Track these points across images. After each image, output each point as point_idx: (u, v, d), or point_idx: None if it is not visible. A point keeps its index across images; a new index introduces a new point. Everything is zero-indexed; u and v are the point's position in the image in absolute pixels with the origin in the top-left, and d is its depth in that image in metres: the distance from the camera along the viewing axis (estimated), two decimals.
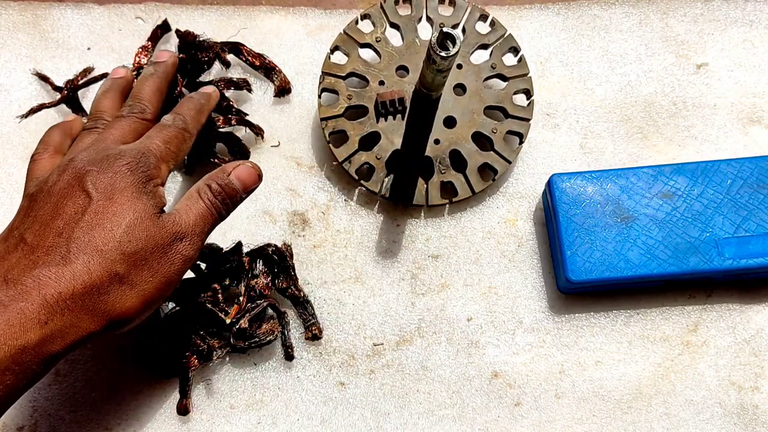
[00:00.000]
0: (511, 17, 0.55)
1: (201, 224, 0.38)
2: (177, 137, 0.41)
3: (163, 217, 0.37)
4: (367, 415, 0.47)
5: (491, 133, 0.50)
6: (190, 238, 0.37)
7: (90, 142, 0.40)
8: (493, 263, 0.50)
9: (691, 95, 0.54)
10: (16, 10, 0.54)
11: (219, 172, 0.41)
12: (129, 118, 0.42)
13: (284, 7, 0.55)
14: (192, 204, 0.39)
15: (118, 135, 0.40)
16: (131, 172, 0.37)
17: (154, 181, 0.38)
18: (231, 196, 0.40)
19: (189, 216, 0.38)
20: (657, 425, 0.47)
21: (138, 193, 0.36)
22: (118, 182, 0.36)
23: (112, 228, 0.35)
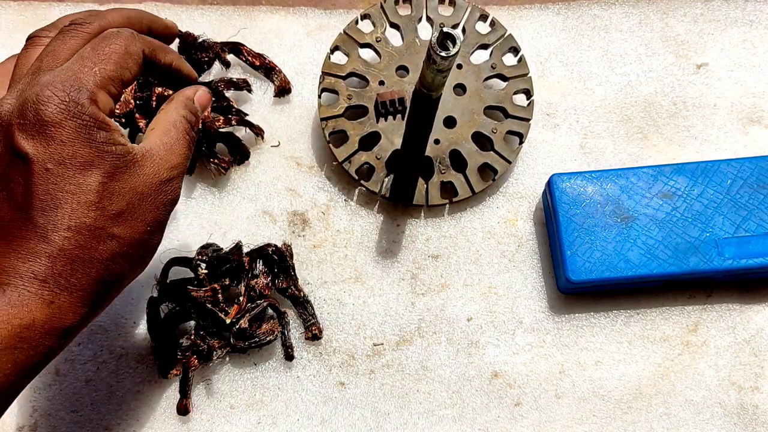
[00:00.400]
0: (511, 17, 0.55)
1: (184, 161, 0.36)
2: (117, 53, 0.33)
3: (141, 164, 0.33)
4: (367, 415, 0.47)
5: (491, 133, 0.50)
6: (178, 177, 0.35)
7: (28, 68, 0.34)
8: (493, 263, 0.50)
9: (691, 95, 0.54)
10: (16, 10, 0.54)
11: (186, 100, 0.38)
12: (73, 31, 0.35)
13: (284, 7, 0.55)
14: (172, 141, 0.35)
15: (53, 59, 0.33)
16: (67, 119, 0.30)
17: (99, 126, 0.31)
18: (198, 123, 0.39)
19: (172, 156, 0.35)
20: (657, 425, 0.47)
21: (90, 149, 0.31)
22: (58, 138, 0.30)
23: (80, 202, 0.31)
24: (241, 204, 0.51)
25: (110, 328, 0.48)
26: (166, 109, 0.37)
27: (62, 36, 0.35)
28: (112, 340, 0.48)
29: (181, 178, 0.36)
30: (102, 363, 0.47)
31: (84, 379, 0.47)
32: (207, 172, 0.51)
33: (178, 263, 0.47)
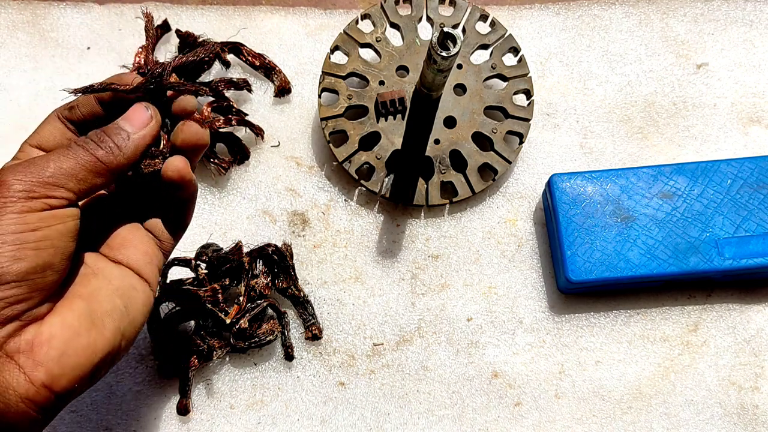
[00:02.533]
0: (511, 17, 0.55)
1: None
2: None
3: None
4: (367, 415, 0.47)
5: (491, 133, 0.50)
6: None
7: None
8: (493, 263, 0.50)
9: (691, 95, 0.54)
10: (15, 9, 0.54)
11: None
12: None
13: (284, 7, 0.55)
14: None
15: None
16: None
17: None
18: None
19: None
20: (657, 425, 0.47)
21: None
22: None
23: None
24: (241, 204, 0.51)
25: None
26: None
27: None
28: None
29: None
30: None
31: None
32: (207, 172, 0.51)
33: (178, 263, 0.47)
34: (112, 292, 0.31)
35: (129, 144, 0.31)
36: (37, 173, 0.28)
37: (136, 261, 0.33)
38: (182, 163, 0.33)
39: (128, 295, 0.32)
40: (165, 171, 0.32)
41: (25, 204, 0.27)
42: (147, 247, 0.34)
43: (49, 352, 0.28)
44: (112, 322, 0.30)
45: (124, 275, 0.32)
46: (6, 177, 0.28)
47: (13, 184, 0.28)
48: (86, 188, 0.30)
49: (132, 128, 0.31)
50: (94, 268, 0.32)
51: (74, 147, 0.30)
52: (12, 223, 0.27)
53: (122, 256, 0.33)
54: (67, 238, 0.29)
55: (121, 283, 0.32)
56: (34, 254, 0.27)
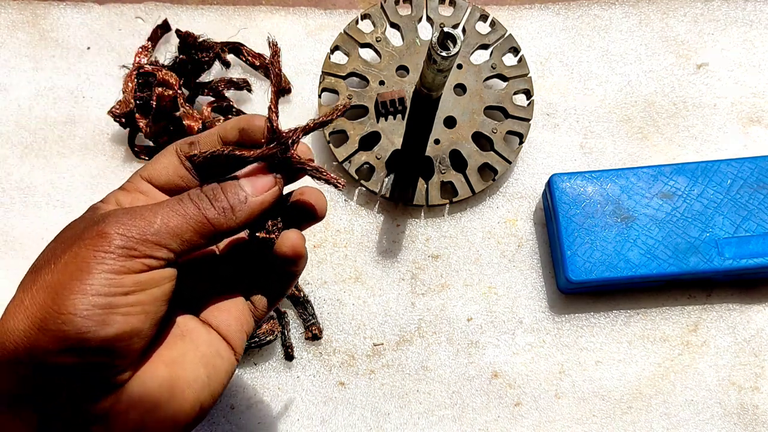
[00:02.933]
0: (511, 17, 0.55)
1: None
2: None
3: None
4: (367, 415, 0.47)
5: (491, 133, 0.50)
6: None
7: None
8: (493, 263, 0.50)
9: (691, 95, 0.54)
10: (15, 9, 0.54)
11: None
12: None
13: (284, 7, 0.55)
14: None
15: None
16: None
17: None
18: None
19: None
20: (657, 425, 0.47)
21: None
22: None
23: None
24: None
25: None
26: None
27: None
28: None
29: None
30: None
31: None
32: None
33: None
34: (198, 359, 0.28)
35: (245, 208, 0.28)
36: (142, 229, 0.25)
37: (227, 327, 0.30)
38: (299, 239, 0.30)
39: (212, 364, 0.29)
40: (280, 246, 0.29)
41: (124, 264, 0.25)
42: (240, 313, 0.31)
43: (127, 424, 0.26)
44: (192, 393, 0.28)
45: (211, 341, 0.29)
46: (108, 229, 0.25)
47: (115, 239, 0.25)
48: (188, 249, 0.27)
49: (251, 190, 0.28)
50: (183, 328, 0.29)
51: (185, 202, 0.27)
52: (106, 284, 0.24)
53: (213, 318, 0.30)
54: (160, 302, 0.26)
55: (208, 349, 0.29)
56: (123, 320, 0.25)
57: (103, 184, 0.51)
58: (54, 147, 0.51)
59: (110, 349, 0.24)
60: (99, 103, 0.52)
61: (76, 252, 0.25)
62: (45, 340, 0.24)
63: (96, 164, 0.51)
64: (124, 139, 0.51)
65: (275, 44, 0.29)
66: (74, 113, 0.52)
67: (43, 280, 0.25)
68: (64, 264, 0.25)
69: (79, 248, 0.25)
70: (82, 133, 0.52)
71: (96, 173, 0.51)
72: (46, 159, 0.51)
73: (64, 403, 0.25)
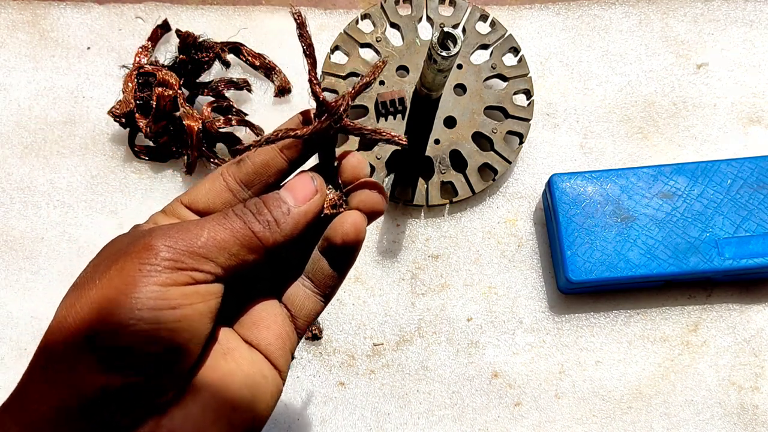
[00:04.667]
0: (511, 17, 0.55)
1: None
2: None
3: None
4: (367, 415, 0.47)
5: (491, 133, 0.50)
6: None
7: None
8: (493, 263, 0.50)
9: (691, 95, 0.54)
10: (15, 9, 0.54)
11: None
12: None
13: (284, 7, 0.55)
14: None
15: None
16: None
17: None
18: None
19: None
20: (657, 425, 0.47)
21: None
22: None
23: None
24: None
25: None
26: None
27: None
28: None
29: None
30: None
31: None
32: (207, 172, 0.51)
33: None
34: (242, 380, 0.27)
35: (288, 220, 0.27)
36: (189, 241, 0.24)
37: (267, 345, 0.28)
38: (361, 218, 0.28)
39: (256, 385, 0.27)
40: (341, 224, 0.28)
41: (170, 276, 0.24)
42: (281, 328, 0.29)
43: None
44: (237, 417, 0.26)
45: (254, 360, 0.28)
46: (155, 242, 0.24)
47: (161, 250, 0.24)
48: (235, 264, 0.26)
49: (293, 201, 0.27)
50: (226, 346, 0.27)
51: (231, 216, 0.26)
52: (152, 296, 0.23)
53: (254, 336, 0.28)
54: (206, 319, 0.25)
55: (251, 369, 0.27)
56: (169, 336, 0.23)
57: (103, 184, 0.51)
58: (54, 147, 0.51)
59: (155, 366, 0.23)
60: (99, 103, 0.52)
61: (122, 266, 0.24)
62: (92, 358, 0.23)
63: (96, 164, 0.51)
64: (124, 139, 0.51)
65: (299, 14, 0.28)
66: (74, 113, 0.52)
67: (87, 297, 0.24)
68: (108, 279, 0.24)
69: (125, 262, 0.24)
70: (82, 133, 0.52)
71: (96, 173, 0.51)
72: (46, 159, 0.51)
73: (104, 428, 0.23)
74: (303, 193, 0.28)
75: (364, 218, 0.29)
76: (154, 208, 0.50)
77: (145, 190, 0.51)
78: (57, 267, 0.49)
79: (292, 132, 0.28)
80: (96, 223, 0.50)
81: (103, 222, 0.50)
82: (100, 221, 0.50)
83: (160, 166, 0.51)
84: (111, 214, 0.50)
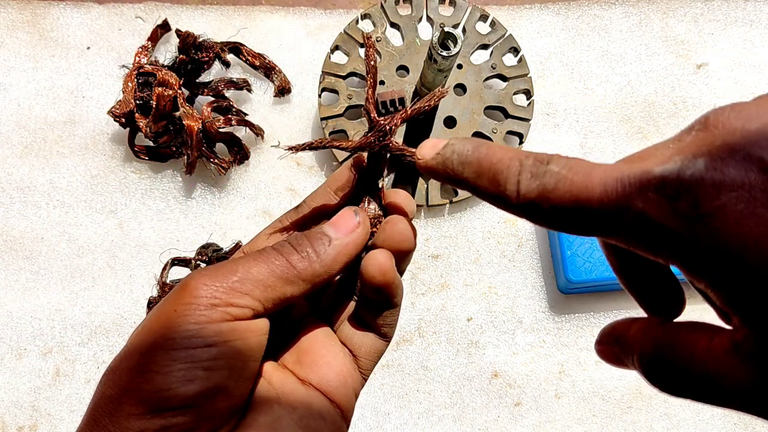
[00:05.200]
0: (511, 17, 0.55)
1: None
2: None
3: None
4: (367, 415, 0.47)
5: (491, 133, 0.50)
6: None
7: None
8: (493, 263, 0.50)
9: (691, 95, 0.54)
10: (15, 8, 0.54)
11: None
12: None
13: (284, 7, 0.55)
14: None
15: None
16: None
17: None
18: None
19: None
20: (657, 425, 0.47)
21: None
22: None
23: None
24: (241, 204, 0.51)
25: (110, 328, 0.48)
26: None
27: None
28: (112, 340, 0.48)
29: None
30: (102, 363, 0.47)
31: (84, 379, 0.47)
32: (207, 172, 0.51)
33: (178, 263, 0.47)
34: (295, 423, 0.25)
35: (329, 250, 0.26)
36: (223, 277, 0.24)
37: (328, 383, 0.27)
38: (387, 260, 0.27)
39: (313, 428, 0.26)
40: (365, 267, 0.27)
41: (204, 313, 0.23)
42: (342, 365, 0.28)
43: None
44: None
45: (311, 401, 0.26)
46: (190, 281, 0.24)
47: (195, 288, 0.23)
48: (275, 298, 0.24)
49: (335, 234, 0.26)
50: (278, 388, 0.26)
51: (267, 250, 0.26)
52: (187, 335, 0.23)
53: (314, 375, 0.27)
54: (246, 357, 0.24)
55: (307, 411, 0.26)
56: (205, 375, 0.22)
57: (103, 183, 0.51)
58: (54, 147, 0.51)
59: (194, 408, 0.22)
60: (99, 103, 0.52)
61: (161, 310, 0.24)
62: (129, 403, 0.22)
63: (96, 164, 0.51)
64: (124, 139, 0.51)
65: (369, 37, 0.28)
66: (74, 113, 0.52)
67: (130, 345, 0.24)
68: (149, 321, 0.24)
69: (163, 306, 0.24)
70: (82, 133, 0.52)
71: (96, 173, 0.51)
72: (46, 159, 0.51)
73: None
74: (345, 226, 0.27)
75: (389, 257, 0.27)
76: (153, 207, 0.50)
77: (145, 190, 0.51)
78: (57, 267, 0.49)
79: (337, 142, 0.28)
80: (96, 222, 0.50)
81: (102, 222, 0.50)
82: (100, 221, 0.50)
83: (160, 166, 0.51)
84: (111, 213, 0.50)
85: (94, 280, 0.49)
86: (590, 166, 0.20)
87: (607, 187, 0.20)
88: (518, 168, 0.21)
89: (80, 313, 0.48)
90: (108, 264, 0.49)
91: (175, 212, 0.50)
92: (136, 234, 0.50)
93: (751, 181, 0.17)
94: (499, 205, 0.22)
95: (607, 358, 0.24)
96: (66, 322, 0.48)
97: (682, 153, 0.19)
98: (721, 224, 0.17)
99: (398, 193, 0.29)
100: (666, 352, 0.20)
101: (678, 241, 0.18)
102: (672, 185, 0.18)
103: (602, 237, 0.20)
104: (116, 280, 0.49)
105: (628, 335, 0.23)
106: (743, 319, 0.18)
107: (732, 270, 0.18)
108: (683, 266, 0.19)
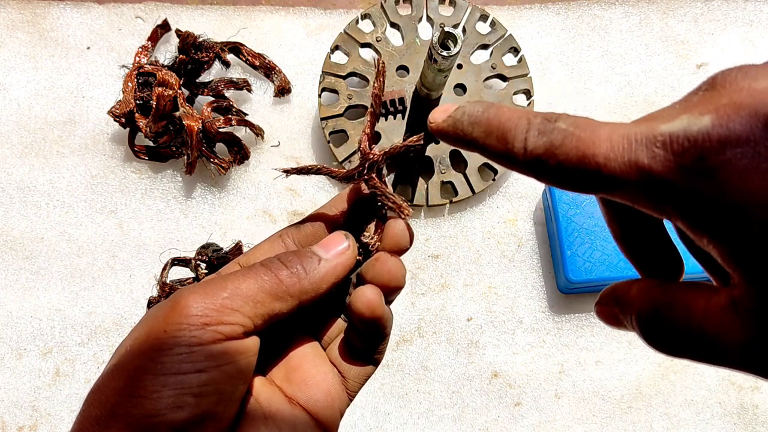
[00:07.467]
0: (511, 17, 0.55)
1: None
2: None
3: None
4: (367, 415, 0.47)
5: None
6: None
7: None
8: (493, 263, 0.50)
9: None
10: (15, 8, 0.54)
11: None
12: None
13: (284, 7, 0.55)
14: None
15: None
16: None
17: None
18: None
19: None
20: (657, 425, 0.47)
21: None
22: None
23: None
24: (241, 204, 0.51)
25: (110, 328, 0.48)
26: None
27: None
28: (112, 340, 0.48)
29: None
30: (102, 363, 0.47)
31: (84, 379, 0.47)
32: (207, 172, 0.51)
33: (178, 263, 0.47)
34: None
35: (318, 268, 0.26)
36: (213, 294, 0.24)
37: (315, 403, 0.27)
38: (375, 297, 0.27)
39: None
40: (354, 302, 0.27)
41: (195, 334, 0.23)
42: (330, 386, 0.28)
43: None
44: None
45: (296, 422, 0.26)
46: (180, 299, 0.23)
47: (185, 307, 0.23)
48: (264, 314, 0.24)
49: (325, 254, 0.27)
50: (266, 407, 0.26)
51: (256, 266, 0.26)
52: (178, 360, 0.22)
53: (302, 394, 0.27)
54: (236, 381, 0.23)
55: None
56: (195, 402, 0.22)
57: (103, 183, 0.51)
58: (54, 147, 0.51)
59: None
60: (99, 103, 0.52)
61: (150, 328, 0.23)
62: (117, 427, 0.22)
63: (96, 164, 0.51)
64: (124, 139, 0.51)
65: (383, 63, 0.28)
66: (74, 113, 0.52)
67: (118, 363, 0.24)
68: (137, 342, 0.23)
69: (153, 325, 0.23)
70: (82, 133, 0.52)
71: (96, 173, 0.51)
72: (46, 159, 0.51)
73: None
74: (335, 248, 0.27)
75: (378, 294, 0.27)
76: (153, 207, 0.50)
77: (145, 190, 0.51)
78: (57, 267, 0.49)
79: (326, 168, 0.29)
80: (96, 222, 0.50)
81: (102, 222, 0.50)
82: (100, 221, 0.50)
83: (160, 166, 0.51)
84: (111, 213, 0.50)
85: (94, 280, 0.49)
86: (597, 124, 0.20)
87: (613, 143, 0.20)
88: (526, 126, 0.21)
89: (80, 313, 0.48)
90: (108, 264, 0.49)
91: (175, 212, 0.50)
92: (136, 234, 0.50)
93: (757, 138, 0.18)
94: (506, 164, 0.22)
95: (606, 318, 0.24)
96: (66, 322, 0.48)
97: (688, 111, 0.19)
98: (725, 178, 0.18)
99: (396, 223, 0.29)
100: (663, 310, 0.21)
101: (682, 195, 0.19)
102: (678, 141, 0.18)
103: (606, 194, 0.20)
104: (116, 280, 0.49)
105: (628, 295, 0.23)
106: (744, 273, 0.18)
107: (735, 223, 0.18)
108: (686, 221, 0.19)
